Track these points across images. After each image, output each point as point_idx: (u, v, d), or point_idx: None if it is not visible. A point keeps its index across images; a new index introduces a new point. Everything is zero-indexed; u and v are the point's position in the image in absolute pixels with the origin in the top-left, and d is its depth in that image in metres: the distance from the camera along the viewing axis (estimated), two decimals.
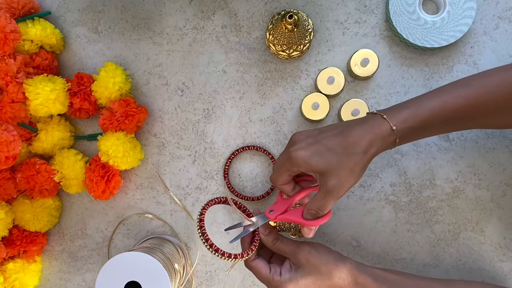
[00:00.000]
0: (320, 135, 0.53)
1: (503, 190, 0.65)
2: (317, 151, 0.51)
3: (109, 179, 0.65)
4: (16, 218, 0.66)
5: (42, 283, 0.71)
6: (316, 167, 0.51)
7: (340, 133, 0.52)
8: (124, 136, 0.64)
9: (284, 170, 0.54)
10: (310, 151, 0.52)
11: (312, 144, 0.52)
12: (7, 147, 0.57)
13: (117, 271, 0.58)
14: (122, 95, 0.66)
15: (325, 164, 0.51)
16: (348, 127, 0.53)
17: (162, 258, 0.61)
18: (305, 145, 0.52)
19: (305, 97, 0.65)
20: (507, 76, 0.51)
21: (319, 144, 0.52)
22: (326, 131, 0.53)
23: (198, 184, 0.69)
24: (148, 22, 0.69)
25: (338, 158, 0.51)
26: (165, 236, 0.69)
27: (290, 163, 0.53)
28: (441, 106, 0.51)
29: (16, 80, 0.62)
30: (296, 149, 0.52)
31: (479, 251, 0.66)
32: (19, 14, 0.65)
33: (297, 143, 0.53)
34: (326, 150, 0.51)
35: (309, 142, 0.53)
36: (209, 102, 0.69)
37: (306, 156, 0.52)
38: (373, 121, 0.52)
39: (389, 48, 0.66)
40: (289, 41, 0.63)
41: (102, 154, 0.64)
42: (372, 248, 0.67)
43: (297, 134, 0.55)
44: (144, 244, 0.66)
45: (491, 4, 0.65)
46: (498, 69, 0.53)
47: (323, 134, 0.53)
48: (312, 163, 0.51)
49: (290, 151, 0.53)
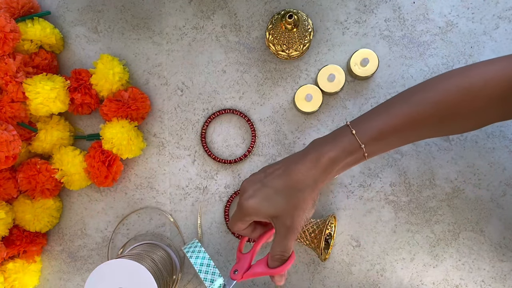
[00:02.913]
0: (266, 178, 0.53)
1: (502, 190, 0.65)
2: (265, 196, 0.51)
3: (110, 164, 0.65)
4: (17, 218, 0.66)
5: (41, 283, 0.71)
6: (268, 213, 0.52)
7: (283, 173, 0.52)
8: (129, 124, 0.65)
9: (237, 220, 0.54)
10: (258, 198, 0.52)
11: (259, 190, 0.52)
12: (7, 147, 0.57)
13: (106, 278, 0.58)
14: (123, 85, 0.66)
15: (275, 208, 0.51)
16: (290, 164, 0.52)
17: (152, 266, 0.60)
18: (253, 192, 0.52)
19: (299, 88, 0.65)
20: (447, 87, 0.49)
21: (265, 188, 0.52)
22: (271, 172, 0.53)
23: (198, 184, 0.69)
24: (147, 22, 0.69)
25: (286, 199, 0.51)
26: (156, 242, 0.69)
27: (241, 213, 0.53)
28: (385, 125, 0.50)
29: (16, 79, 0.62)
30: (245, 198, 0.52)
31: (479, 251, 0.66)
32: (19, 14, 0.65)
33: (246, 191, 0.53)
34: (273, 193, 0.51)
35: (256, 188, 0.52)
36: (208, 102, 0.69)
37: (255, 204, 0.51)
38: (336, 142, 0.51)
39: (389, 48, 0.66)
40: (289, 41, 0.63)
41: (106, 142, 0.64)
42: (372, 248, 0.67)
43: (246, 181, 0.54)
44: (135, 250, 0.66)
45: (491, 4, 0.65)
46: (438, 79, 0.51)
47: (268, 176, 0.53)
48: (262, 210, 0.51)
49: (241, 201, 0.53)
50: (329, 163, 0.50)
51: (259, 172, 0.55)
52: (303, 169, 0.51)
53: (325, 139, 0.53)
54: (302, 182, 0.51)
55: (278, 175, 0.52)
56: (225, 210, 0.69)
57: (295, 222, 0.51)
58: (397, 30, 0.66)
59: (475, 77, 0.48)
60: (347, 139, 0.51)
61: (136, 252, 0.64)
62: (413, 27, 0.66)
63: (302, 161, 0.51)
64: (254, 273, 0.55)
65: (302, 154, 0.52)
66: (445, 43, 0.65)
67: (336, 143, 0.51)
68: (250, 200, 0.52)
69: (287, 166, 0.52)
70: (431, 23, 0.66)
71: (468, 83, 0.48)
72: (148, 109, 0.67)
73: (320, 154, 0.51)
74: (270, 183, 0.52)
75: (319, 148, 0.51)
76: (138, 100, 0.65)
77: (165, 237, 0.70)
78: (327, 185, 0.67)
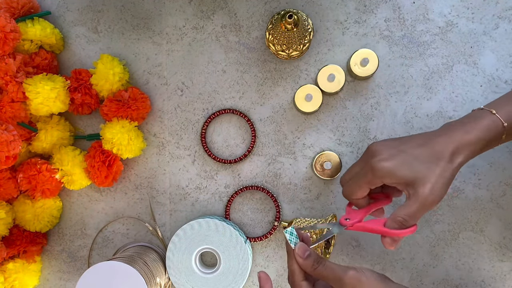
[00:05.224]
0: (403, 146, 0.51)
1: (502, 190, 0.65)
2: (403, 161, 0.49)
3: (110, 164, 0.65)
4: (17, 218, 0.66)
5: (41, 283, 0.71)
6: (405, 178, 0.49)
7: (424, 143, 0.51)
8: (129, 124, 0.65)
9: (364, 183, 0.52)
10: (395, 161, 0.50)
11: (396, 155, 0.50)
12: (7, 147, 0.57)
13: (96, 280, 0.58)
14: (123, 85, 0.66)
15: (414, 173, 0.49)
16: (430, 136, 0.51)
17: (143, 268, 0.60)
18: (388, 156, 0.50)
19: (299, 88, 0.65)
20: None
21: (403, 154, 0.50)
22: (409, 140, 0.52)
23: (198, 184, 0.69)
24: (147, 22, 0.69)
25: (427, 166, 0.49)
26: (149, 244, 0.69)
27: (372, 175, 0.50)
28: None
29: (16, 79, 0.62)
30: (380, 160, 0.50)
31: (479, 251, 0.66)
32: (19, 14, 0.65)
33: (379, 153, 0.51)
34: (412, 159, 0.49)
35: (392, 152, 0.50)
36: (208, 102, 0.69)
37: (391, 167, 0.49)
38: (472, 122, 0.50)
39: (389, 48, 0.66)
40: (289, 41, 0.63)
41: (106, 142, 0.64)
42: (372, 248, 0.67)
43: (377, 144, 0.52)
44: (127, 252, 0.66)
45: (491, 4, 0.65)
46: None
47: (405, 144, 0.51)
48: (399, 174, 0.49)
49: (372, 162, 0.50)
50: (473, 140, 0.50)
51: (391, 139, 0.53)
52: (446, 141, 0.50)
53: (463, 120, 0.52)
54: (444, 153, 0.49)
55: (418, 144, 0.51)
56: (225, 210, 0.69)
57: (435, 191, 0.48)
58: (397, 30, 0.66)
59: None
60: (488, 118, 0.50)
61: (128, 254, 0.64)
62: (413, 27, 0.66)
63: (444, 135, 0.50)
64: (367, 227, 0.52)
65: (442, 130, 0.52)
66: (445, 43, 0.66)
67: (477, 122, 0.50)
68: (385, 162, 0.50)
69: (427, 138, 0.51)
70: (431, 23, 0.66)
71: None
72: (148, 109, 0.67)
73: (464, 132, 0.50)
74: (409, 150, 0.50)
75: (462, 125, 0.51)
76: (138, 100, 0.65)
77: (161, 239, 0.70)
78: (328, 185, 0.67)
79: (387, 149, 0.51)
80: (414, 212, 0.49)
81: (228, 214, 0.69)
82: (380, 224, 0.50)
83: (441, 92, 0.66)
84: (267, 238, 0.68)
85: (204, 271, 0.65)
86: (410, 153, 0.50)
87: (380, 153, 0.51)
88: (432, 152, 0.49)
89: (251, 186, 0.68)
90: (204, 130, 0.68)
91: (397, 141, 0.52)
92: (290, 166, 0.68)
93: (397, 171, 0.49)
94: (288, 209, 0.68)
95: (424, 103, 0.66)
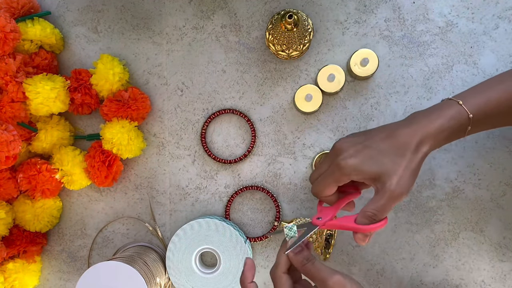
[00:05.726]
0: (368, 141, 0.51)
1: (502, 190, 0.65)
2: (369, 156, 0.50)
3: (110, 164, 0.65)
4: (17, 218, 0.66)
5: (41, 283, 0.71)
6: (371, 173, 0.49)
7: (388, 136, 0.51)
8: (129, 124, 0.65)
9: (332, 181, 0.52)
10: (360, 157, 0.50)
11: (361, 150, 0.50)
12: (7, 147, 0.57)
13: (96, 280, 0.58)
14: (123, 85, 0.66)
15: (380, 168, 0.49)
16: (394, 129, 0.51)
17: (143, 268, 0.60)
18: (354, 152, 0.50)
19: (299, 88, 0.65)
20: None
21: (368, 149, 0.50)
22: (374, 135, 0.52)
23: (198, 184, 0.69)
24: (147, 22, 0.69)
25: (392, 159, 0.49)
26: (147, 244, 0.69)
27: (339, 173, 0.51)
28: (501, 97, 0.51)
29: (16, 79, 0.62)
30: (345, 157, 0.50)
31: (479, 251, 0.66)
32: (19, 14, 0.65)
33: (345, 150, 0.51)
34: (377, 153, 0.50)
35: (358, 148, 0.51)
36: (208, 102, 0.69)
37: (357, 163, 0.50)
38: (441, 111, 0.51)
39: (389, 48, 0.66)
40: (289, 41, 0.63)
41: (106, 143, 0.64)
42: (372, 248, 0.67)
43: (342, 141, 0.52)
44: (127, 252, 0.66)
45: (491, 4, 0.65)
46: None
47: (370, 139, 0.51)
48: (365, 170, 0.49)
49: (338, 160, 0.51)
50: (437, 129, 0.50)
51: (356, 134, 0.53)
52: (410, 133, 0.50)
53: (429, 110, 0.52)
54: (408, 144, 0.49)
55: (382, 138, 0.51)
56: (225, 210, 0.69)
57: (403, 183, 0.49)
58: (397, 30, 0.66)
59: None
60: (454, 108, 0.51)
61: (128, 254, 0.64)
62: (413, 27, 0.66)
63: (408, 126, 0.51)
64: (339, 225, 0.52)
65: (406, 121, 0.52)
66: (445, 43, 0.66)
67: (442, 112, 0.51)
68: (350, 159, 0.50)
69: (391, 130, 0.51)
70: (431, 23, 0.66)
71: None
72: (148, 109, 0.67)
73: (428, 121, 0.50)
74: (374, 145, 0.50)
75: (428, 114, 0.51)
76: (138, 100, 0.65)
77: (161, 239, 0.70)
78: None
79: (352, 145, 0.52)
80: (383, 206, 0.49)
81: (228, 214, 0.69)
82: (351, 221, 0.51)
83: (441, 92, 0.66)
84: (267, 238, 0.68)
85: (204, 271, 0.66)
86: (375, 148, 0.50)
87: (346, 150, 0.51)
88: (397, 144, 0.50)
89: (251, 186, 0.68)
90: (204, 130, 0.68)
91: (362, 136, 0.53)
92: (290, 166, 0.68)
93: (363, 167, 0.50)
94: (288, 209, 0.68)
95: (424, 103, 0.66)
